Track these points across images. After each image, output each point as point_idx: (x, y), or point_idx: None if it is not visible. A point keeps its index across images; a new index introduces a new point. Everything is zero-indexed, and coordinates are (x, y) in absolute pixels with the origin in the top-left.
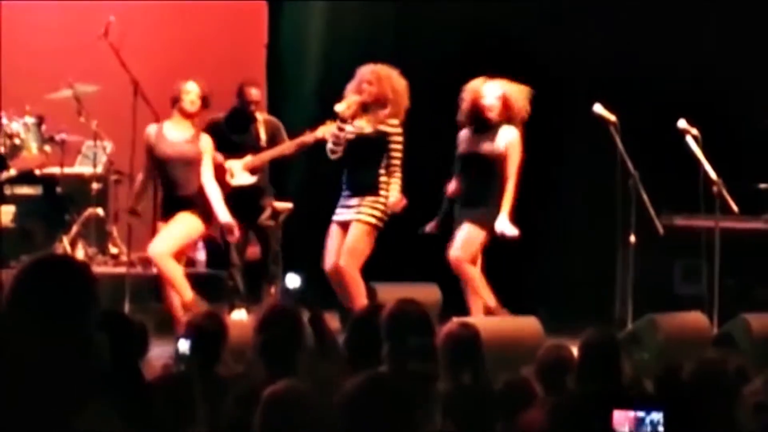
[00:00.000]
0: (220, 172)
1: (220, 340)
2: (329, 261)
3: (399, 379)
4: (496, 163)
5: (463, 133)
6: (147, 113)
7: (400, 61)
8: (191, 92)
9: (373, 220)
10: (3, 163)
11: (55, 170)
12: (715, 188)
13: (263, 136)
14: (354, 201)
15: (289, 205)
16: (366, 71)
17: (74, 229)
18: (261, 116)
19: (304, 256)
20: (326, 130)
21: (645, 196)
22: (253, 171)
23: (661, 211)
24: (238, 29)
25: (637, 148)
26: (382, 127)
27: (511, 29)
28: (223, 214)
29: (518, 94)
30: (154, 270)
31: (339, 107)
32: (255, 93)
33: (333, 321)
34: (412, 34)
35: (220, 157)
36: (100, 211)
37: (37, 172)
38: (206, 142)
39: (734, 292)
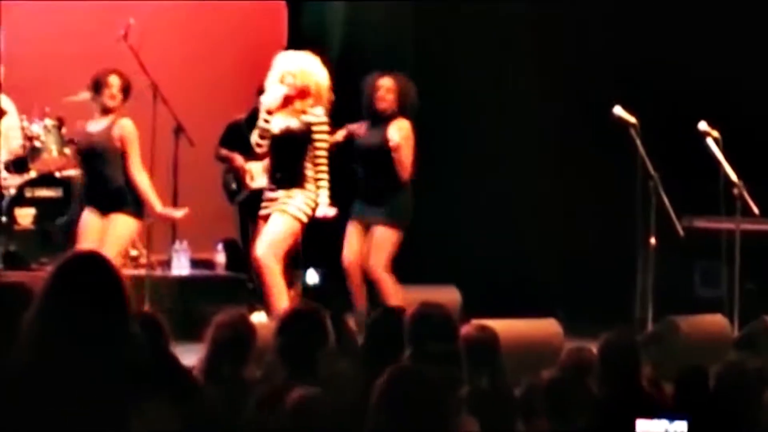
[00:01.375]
0: (240, 174)
1: (248, 343)
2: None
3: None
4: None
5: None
6: (166, 115)
7: (421, 60)
8: (113, 86)
9: (297, 213)
10: (23, 166)
11: (75, 172)
12: (735, 190)
13: None
14: (279, 194)
15: None
16: (288, 62)
17: None
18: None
19: (324, 257)
20: (338, 135)
21: (665, 199)
22: None
23: (681, 214)
24: (258, 30)
25: (657, 151)
26: (307, 118)
27: (533, 30)
28: (156, 204)
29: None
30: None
31: (267, 100)
32: None
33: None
34: (432, 34)
35: (240, 159)
36: None
37: (57, 174)
38: (125, 130)
39: (754, 295)
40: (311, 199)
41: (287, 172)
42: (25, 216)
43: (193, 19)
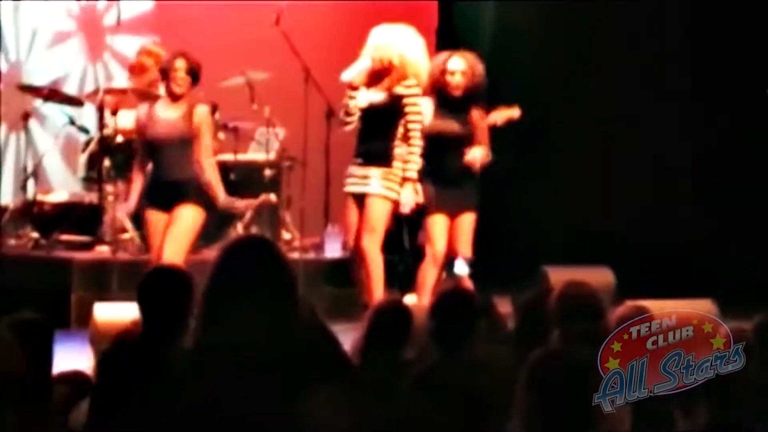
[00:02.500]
0: None
1: (406, 327)
2: (351, 239)
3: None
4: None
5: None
6: (318, 99)
7: (572, 60)
8: (180, 69)
9: (389, 193)
10: None
11: (229, 157)
12: None
13: None
14: (368, 171)
15: None
16: (378, 36)
17: (248, 215)
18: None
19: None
20: (498, 116)
21: None
22: None
23: None
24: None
25: None
26: (398, 90)
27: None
28: (222, 195)
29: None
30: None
31: (347, 74)
32: None
33: (504, 305)
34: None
35: None
36: (272, 197)
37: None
38: (203, 117)
39: None
40: (398, 177)
41: (374, 148)
42: None
43: (343, 11)
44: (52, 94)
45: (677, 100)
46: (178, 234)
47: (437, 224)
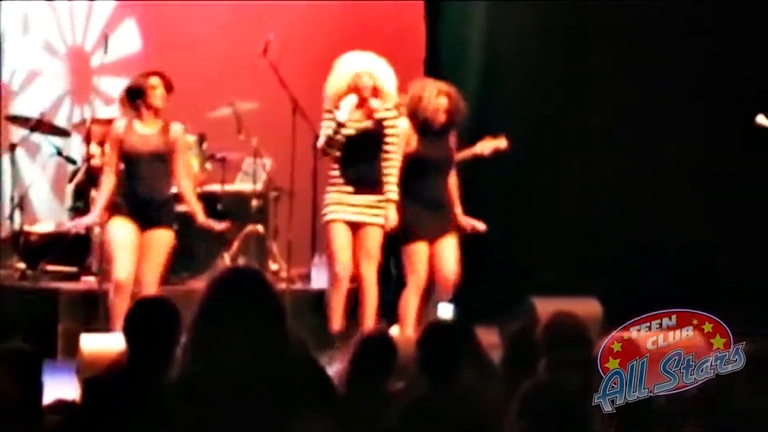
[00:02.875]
0: None
1: (391, 357)
2: (348, 265)
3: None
4: None
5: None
6: (306, 129)
7: (570, 64)
8: (158, 85)
9: (383, 221)
10: None
11: (216, 187)
12: None
13: None
14: (360, 199)
15: None
16: (356, 63)
17: (235, 245)
18: None
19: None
20: (485, 146)
21: None
22: None
23: None
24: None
25: None
26: (379, 115)
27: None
28: (200, 215)
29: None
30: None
31: (343, 116)
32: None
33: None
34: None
35: None
36: (260, 227)
37: (199, 189)
38: (180, 134)
39: None
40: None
41: (365, 174)
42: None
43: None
44: (39, 125)
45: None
46: (159, 260)
47: (419, 252)
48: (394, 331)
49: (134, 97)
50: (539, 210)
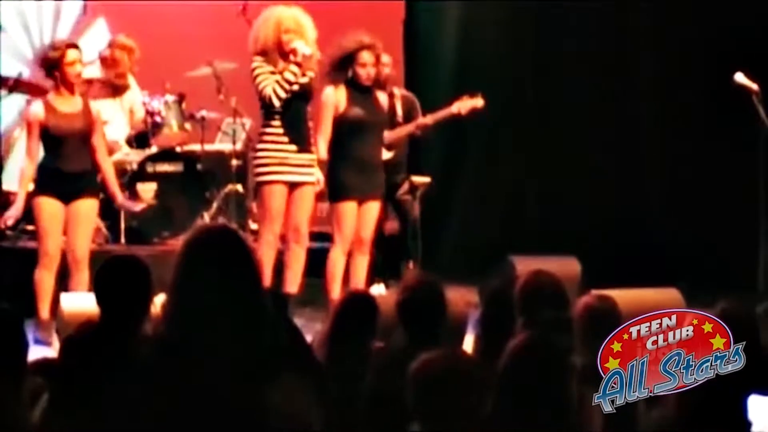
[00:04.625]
0: None
1: (372, 317)
2: (278, 231)
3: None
4: None
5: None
6: None
7: (543, 47)
8: (77, 60)
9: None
10: (145, 141)
11: (196, 147)
12: None
13: (399, 111)
14: (302, 158)
15: (427, 179)
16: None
17: (214, 205)
18: (398, 92)
19: (443, 230)
20: (462, 105)
21: None
22: (389, 147)
23: None
24: (376, 8)
25: None
26: (310, 74)
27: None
28: (119, 196)
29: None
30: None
31: (307, 49)
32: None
33: (471, 295)
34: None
35: None
36: (239, 187)
37: (178, 149)
38: (97, 112)
39: None
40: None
41: (303, 133)
42: (147, 191)
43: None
44: (18, 85)
45: (647, 99)
46: (88, 228)
47: (347, 212)
48: (375, 291)
49: (51, 69)
50: (512, 181)
